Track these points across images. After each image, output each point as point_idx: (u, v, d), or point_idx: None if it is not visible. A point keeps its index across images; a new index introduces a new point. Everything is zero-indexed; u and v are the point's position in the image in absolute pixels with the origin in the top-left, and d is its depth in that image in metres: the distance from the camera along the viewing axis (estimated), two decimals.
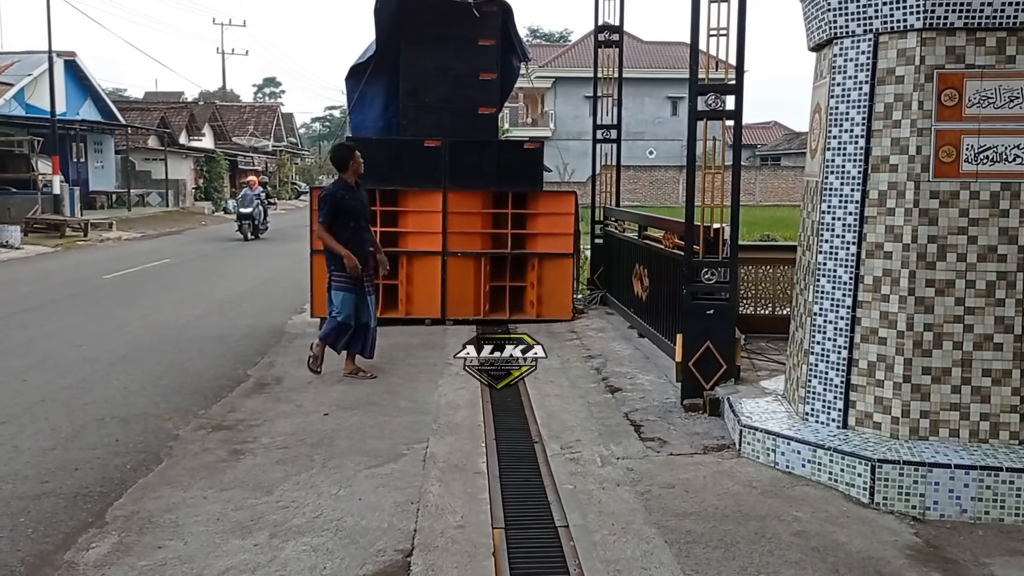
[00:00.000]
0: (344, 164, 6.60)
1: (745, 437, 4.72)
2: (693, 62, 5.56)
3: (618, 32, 10.11)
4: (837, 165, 4.56)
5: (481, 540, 3.69)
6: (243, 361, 7.42)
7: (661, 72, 43.05)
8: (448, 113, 9.16)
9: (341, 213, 6.46)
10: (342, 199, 6.49)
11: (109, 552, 3.63)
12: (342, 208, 6.47)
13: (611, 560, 3.47)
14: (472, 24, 9.03)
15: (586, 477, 4.43)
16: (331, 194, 6.52)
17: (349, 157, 6.60)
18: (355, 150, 6.69)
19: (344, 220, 6.46)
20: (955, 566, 3.49)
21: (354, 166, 6.62)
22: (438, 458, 4.74)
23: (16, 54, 30.11)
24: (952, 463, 3.98)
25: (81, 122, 28.92)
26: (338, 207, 6.45)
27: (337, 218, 6.45)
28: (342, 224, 6.45)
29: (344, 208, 6.47)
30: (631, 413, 5.58)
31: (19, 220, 20.36)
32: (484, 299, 9.00)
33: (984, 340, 4.22)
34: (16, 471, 4.66)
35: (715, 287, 5.68)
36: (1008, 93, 4.16)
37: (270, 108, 55.52)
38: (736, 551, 3.56)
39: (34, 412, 5.83)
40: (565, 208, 9.18)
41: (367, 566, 3.46)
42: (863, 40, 4.43)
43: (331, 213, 6.45)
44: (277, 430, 5.33)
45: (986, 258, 4.21)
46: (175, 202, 34.80)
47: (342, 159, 6.61)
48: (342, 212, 6.46)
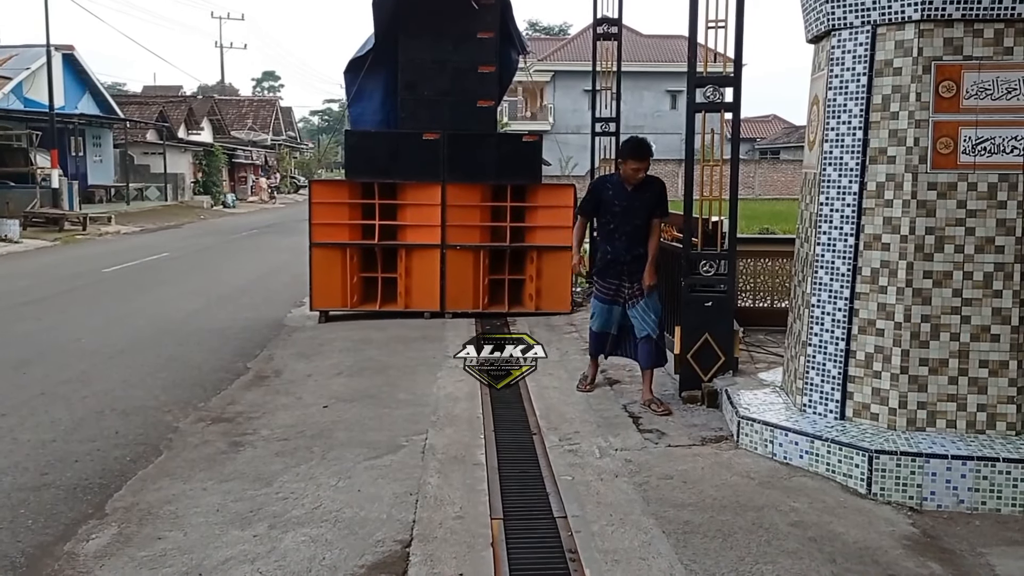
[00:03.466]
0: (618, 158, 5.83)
1: (743, 428, 4.74)
2: (691, 54, 5.56)
3: (617, 25, 10.08)
4: (835, 157, 4.56)
5: (480, 531, 3.70)
6: (242, 354, 7.43)
7: (660, 66, 42.94)
8: (447, 106, 9.16)
9: (600, 209, 5.70)
10: (602, 192, 5.67)
11: (109, 543, 3.64)
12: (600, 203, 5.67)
13: (609, 550, 3.49)
14: (470, 17, 9.02)
15: (584, 468, 4.44)
16: (591, 184, 5.95)
17: (622, 153, 5.62)
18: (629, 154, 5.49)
19: (601, 220, 5.72)
20: (952, 556, 3.51)
21: (621, 166, 5.58)
22: (437, 450, 4.76)
23: (14, 48, 30.03)
24: (949, 454, 4.00)
25: (80, 116, 28.87)
26: (597, 201, 5.70)
27: (597, 214, 5.77)
28: (600, 224, 5.79)
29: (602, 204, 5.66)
30: (629, 405, 5.59)
31: (18, 214, 20.34)
32: (483, 292, 9.01)
33: (981, 331, 4.23)
34: (16, 463, 4.68)
35: (713, 280, 5.69)
36: (1006, 85, 4.16)
37: (269, 102, 55.45)
38: (733, 541, 3.58)
39: (34, 405, 5.84)
40: (564, 201, 9.18)
41: (366, 557, 3.47)
42: (861, 32, 4.43)
43: (585, 204, 5.84)
44: (276, 422, 5.34)
45: (984, 250, 4.22)
46: (174, 196, 34.78)
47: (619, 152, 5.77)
48: (600, 208, 5.69)
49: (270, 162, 48.91)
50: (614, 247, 5.60)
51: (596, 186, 5.75)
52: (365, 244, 8.99)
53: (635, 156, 5.45)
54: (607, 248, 5.65)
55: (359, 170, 9.08)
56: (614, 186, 5.59)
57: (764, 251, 7.97)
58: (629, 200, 5.53)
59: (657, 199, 5.60)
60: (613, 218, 5.58)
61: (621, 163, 5.55)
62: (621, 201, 5.54)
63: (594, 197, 5.69)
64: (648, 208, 5.55)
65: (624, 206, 5.53)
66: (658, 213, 5.61)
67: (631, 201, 5.53)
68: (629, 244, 5.57)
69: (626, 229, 5.55)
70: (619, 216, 5.56)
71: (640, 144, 5.52)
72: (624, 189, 5.54)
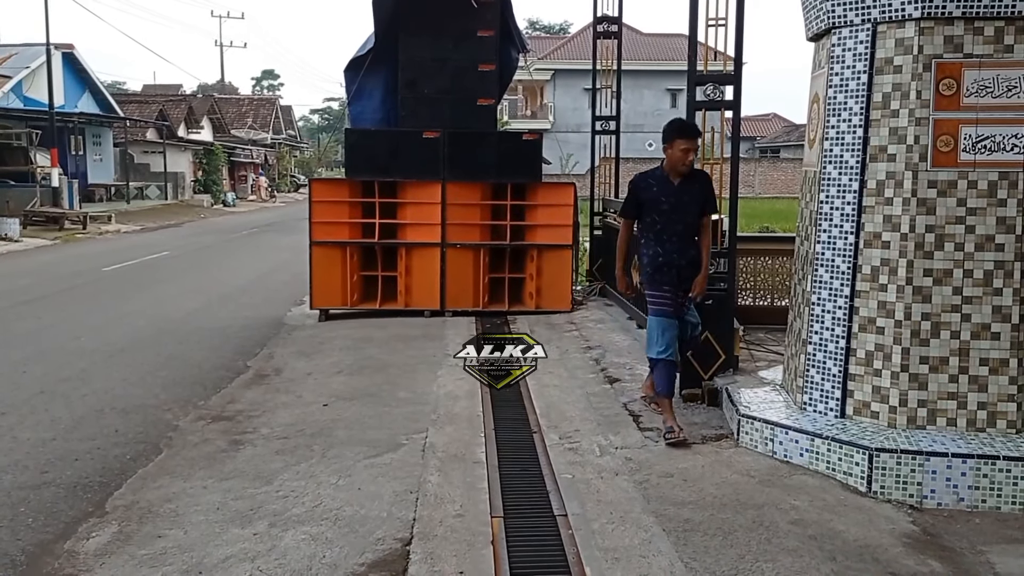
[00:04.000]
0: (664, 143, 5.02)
1: (743, 427, 4.74)
2: (691, 53, 5.56)
3: (617, 24, 10.09)
4: (835, 155, 4.56)
5: (480, 529, 3.70)
6: (242, 352, 7.43)
7: (660, 64, 42.91)
8: (447, 104, 9.16)
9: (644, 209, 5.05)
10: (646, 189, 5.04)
11: (109, 541, 3.64)
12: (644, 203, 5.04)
13: (609, 548, 3.49)
14: (471, 15, 9.01)
15: (585, 467, 4.44)
16: (632, 182, 5.17)
17: (667, 137, 4.96)
18: (676, 133, 4.91)
19: (647, 220, 5.05)
20: (952, 554, 3.51)
21: (669, 153, 4.96)
22: (437, 448, 4.76)
23: (14, 46, 30.01)
24: (949, 452, 3.99)
25: (79, 115, 28.85)
26: (640, 200, 5.05)
27: (642, 215, 5.08)
28: (646, 225, 5.07)
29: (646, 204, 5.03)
30: (630, 403, 5.59)
31: (18, 213, 20.34)
32: (483, 291, 9.01)
33: (982, 329, 4.23)
34: (16, 461, 4.68)
35: (713, 278, 5.67)
36: (1006, 82, 4.16)
37: (268, 101, 55.43)
38: (734, 539, 3.58)
39: (34, 403, 5.84)
40: (564, 199, 9.18)
41: (366, 555, 3.47)
42: (861, 30, 4.42)
43: (628, 205, 5.14)
44: (277, 420, 5.34)
45: (984, 247, 4.22)
46: (174, 195, 34.77)
47: (665, 137, 5.00)
48: (645, 208, 5.04)
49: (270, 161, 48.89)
50: (665, 249, 4.97)
51: (637, 184, 5.08)
52: (365, 242, 8.99)
53: (684, 134, 4.87)
54: (658, 250, 4.99)
55: (359, 168, 9.08)
56: (658, 181, 4.98)
57: (764, 249, 7.97)
58: (677, 195, 4.94)
59: (706, 192, 5.06)
60: (660, 217, 4.97)
61: (667, 148, 4.93)
62: (668, 197, 4.94)
63: (636, 196, 5.06)
64: (698, 202, 4.99)
65: (672, 203, 4.94)
66: (708, 208, 5.05)
67: (679, 196, 4.94)
68: (681, 245, 4.98)
69: (676, 228, 4.96)
70: (667, 215, 4.95)
71: (686, 122, 5.04)
72: (670, 183, 4.95)
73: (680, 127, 4.94)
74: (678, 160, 4.89)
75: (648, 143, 45.08)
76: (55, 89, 24.95)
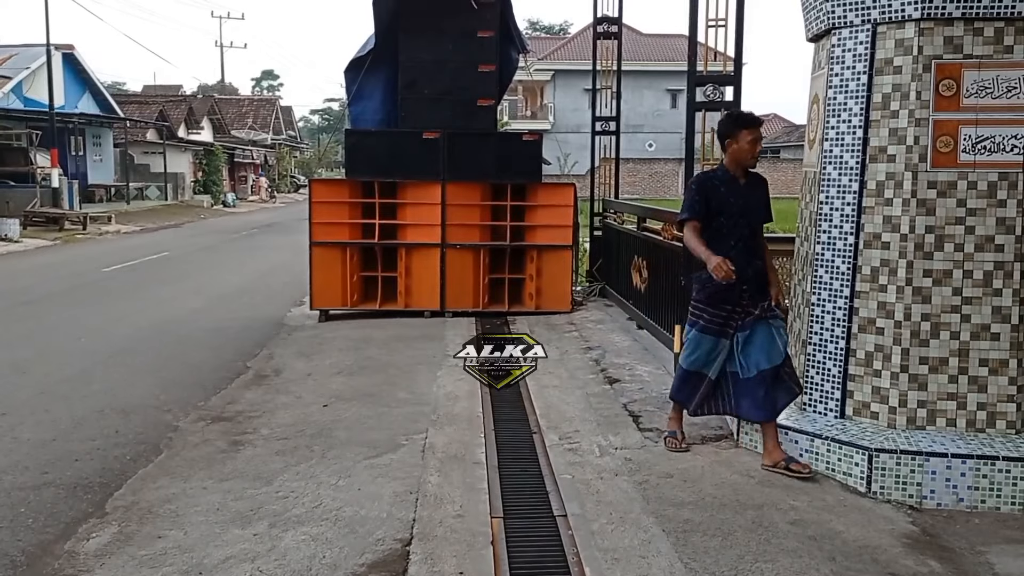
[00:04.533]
0: (722, 142, 4.59)
1: (743, 427, 4.74)
2: (691, 53, 5.57)
3: (617, 24, 10.10)
4: (835, 156, 4.56)
5: (480, 529, 3.70)
6: (242, 353, 7.43)
7: (660, 65, 42.94)
8: (447, 105, 9.15)
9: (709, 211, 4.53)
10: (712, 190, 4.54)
11: (109, 542, 3.64)
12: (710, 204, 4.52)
13: (609, 549, 3.49)
14: (470, 16, 9.01)
15: (584, 467, 4.44)
16: (696, 180, 4.70)
17: (729, 131, 4.53)
18: (741, 124, 4.52)
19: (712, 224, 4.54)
20: (951, 554, 3.51)
21: (733, 148, 4.51)
22: (437, 448, 4.76)
23: (14, 47, 30.00)
24: (949, 452, 4.00)
25: (79, 115, 28.87)
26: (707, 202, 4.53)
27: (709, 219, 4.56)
28: (711, 232, 4.54)
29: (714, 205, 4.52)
30: (629, 404, 5.60)
31: (18, 213, 20.34)
32: (483, 291, 9.01)
33: (981, 330, 4.23)
34: (16, 462, 4.68)
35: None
36: (1006, 83, 4.16)
37: (269, 101, 55.43)
38: (733, 539, 3.58)
39: (34, 404, 5.84)
40: (564, 200, 9.18)
41: (366, 555, 3.48)
42: (861, 30, 4.43)
43: (695, 204, 4.57)
44: (276, 421, 5.34)
45: (983, 248, 4.22)
46: (174, 195, 34.79)
47: (721, 135, 4.60)
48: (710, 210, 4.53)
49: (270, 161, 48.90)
50: (730, 258, 4.40)
51: (704, 183, 4.57)
52: (365, 243, 8.99)
53: (749, 124, 4.48)
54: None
55: (359, 169, 9.08)
56: (724, 182, 4.53)
57: None
58: (745, 197, 4.52)
59: (767, 196, 4.67)
60: (728, 220, 4.48)
61: (731, 142, 4.48)
62: (737, 199, 4.49)
63: (705, 196, 4.52)
64: (763, 206, 4.62)
65: (741, 204, 4.50)
66: (767, 214, 4.66)
67: (747, 198, 4.53)
68: (748, 253, 4.50)
69: (743, 233, 4.51)
70: (735, 217, 4.48)
71: (744, 112, 4.71)
72: (737, 184, 4.52)
73: (741, 117, 4.57)
74: (746, 154, 4.46)
75: (649, 144, 45.19)
76: (55, 90, 24.96)
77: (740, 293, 4.47)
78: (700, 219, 4.55)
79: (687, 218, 4.54)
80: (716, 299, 4.51)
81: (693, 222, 4.54)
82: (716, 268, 4.32)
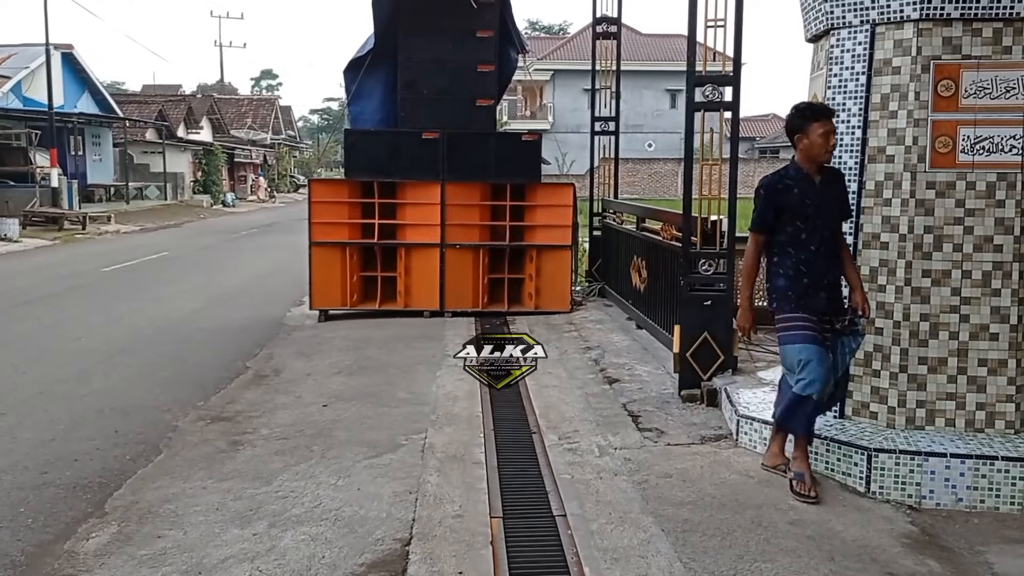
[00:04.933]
0: (791, 137, 4.14)
1: (742, 427, 4.74)
2: (691, 53, 5.56)
3: (616, 24, 10.10)
4: (834, 156, 4.56)
5: (479, 529, 3.71)
6: (242, 353, 7.43)
7: (660, 65, 42.93)
8: (446, 105, 9.16)
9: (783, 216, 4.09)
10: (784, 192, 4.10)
11: (109, 542, 3.64)
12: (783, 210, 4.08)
13: (608, 548, 3.49)
14: (470, 16, 9.02)
15: (584, 467, 4.44)
16: (764, 184, 4.16)
17: (798, 125, 4.08)
18: (810, 116, 4.05)
19: (788, 229, 4.11)
20: (950, 554, 3.52)
21: (804, 143, 4.06)
22: (436, 448, 4.76)
23: (13, 47, 29.96)
24: (948, 452, 4.00)
25: (79, 115, 28.85)
26: (777, 206, 4.09)
27: (777, 225, 4.11)
28: (787, 236, 4.11)
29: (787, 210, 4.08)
30: (629, 404, 5.60)
31: (17, 213, 20.32)
32: (482, 291, 9.01)
33: (980, 330, 4.24)
34: (16, 462, 4.68)
35: (712, 278, 5.70)
36: (1004, 84, 4.17)
37: (268, 101, 55.41)
38: (732, 539, 3.59)
39: (33, 404, 5.84)
40: (563, 200, 9.19)
41: (365, 555, 3.48)
42: (860, 31, 4.43)
43: (763, 216, 4.13)
44: (276, 421, 5.35)
45: (982, 248, 4.23)
46: (173, 195, 34.77)
47: (789, 130, 4.15)
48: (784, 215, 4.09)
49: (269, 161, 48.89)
50: (812, 264, 4.06)
51: (773, 186, 4.10)
52: (365, 243, 9.00)
53: (820, 115, 4.03)
54: (801, 268, 4.07)
55: (359, 169, 9.09)
56: (797, 182, 4.09)
57: None
58: (821, 196, 4.07)
59: (845, 192, 4.25)
60: (805, 223, 4.06)
61: (801, 137, 4.04)
62: (814, 199, 4.06)
63: (772, 201, 4.09)
64: (840, 204, 4.20)
65: (818, 205, 4.06)
66: (847, 211, 4.26)
67: (823, 197, 4.08)
68: (829, 258, 4.10)
69: (824, 235, 4.09)
70: (813, 219, 4.06)
71: (814, 103, 4.28)
72: (811, 182, 4.08)
73: (811, 108, 4.10)
74: (820, 148, 4.01)
75: (648, 143, 45.18)
76: (54, 89, 24.94)
77: (823, 301, 4.07)
78: (767, 233, 4.15)
79: (751, 229, 4.17)
80: (801, 307, 4.06)
81: (756, 235, 4.17)
82: (740, 323, 4.28)
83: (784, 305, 4.10)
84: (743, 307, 4.25)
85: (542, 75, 44.25)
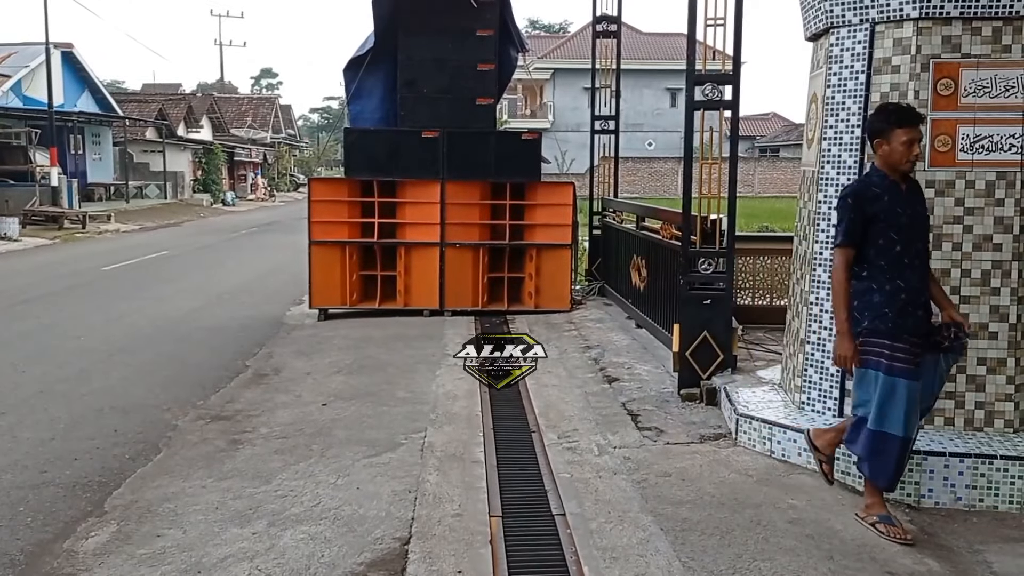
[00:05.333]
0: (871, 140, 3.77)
1: (741, 426, 4.74)
2: (690, 52, 5.56)
3: (616, 23, 10.10)
4: (833, 155, 4.56)
5: (478, 528, 3.71)
6: (242, 352, 7.43)
7: (660, 63, 42.94)
8: (446, 104, 9.16)
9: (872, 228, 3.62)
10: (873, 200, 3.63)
11: (108, 541, 3.65)
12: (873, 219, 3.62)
13: (607, 547, 3.49)
14: (470, 15, 9.02)
15: (583, 466, 4.45)
16: (851, 192, 3.72)
17: (880, 129, 3.68)
18: (894, 121, 3.63)
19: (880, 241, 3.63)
20: (949, 553, 3.52)
21: (884, 150, 3.66)
22: (436, 447, 4.76)
23: (13, 45, 29.97)
24: (947, 451, 4.00)
25: (79, 114, 28.83)
26: (867, 216, 3.62)
27: (866, 237, 3.64)
28: (878, 249, 3.63)
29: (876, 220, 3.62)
30: (628, 403, 5.60)
31: (17, 212, 20.32)
32: (482, 290, 9.01)
33: (979, 329, 4.24)
34: (15, 461, 4.68)
35: (712, 277, 5.70)
36: (1004, 82, 4.17)
37: (268, 100, 55.40)
38: (731, 538, 3.59)
39: (33, 403, 5.84)
40: (563, 199, 9.19)
41: (365, 554, 3.48)
42: (859, 29, 4.43)
43: (853, 228, 3.64)
44: (276, 420, 5.35)
45: (981, 247, 4.23)
46: (173, 194, 34.75)
47: (871, 132, 3.77)
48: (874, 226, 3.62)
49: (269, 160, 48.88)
50: (907, 282, 3.62)
51: (861, 195, 3.65)
52: (364, 242, 9.00)
53: (905, 121, 3.61)
54: (898, 283, 3.61)
55: (358, 168, 9.09)
56: (885, 189, 3.64)
57: (763, 249, 7.97)
58: (912, 206, 3.67)
59: (926, 206, 3.86)
60: (899, 235, 3.61)
61: (882, 143, 3.65)
62: (905, 208, 3.63)
63: (862, 211, 3.61)
64: (926, 218, 3.81)
65: (910, 214, 3.65)
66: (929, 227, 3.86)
67: (914, 207, 3.69)
68: (923, 274, 3.70)
69: (918, 248, 3.68)
70: (906, 231, 3.62)
71: (902, 106, 3.81)
72: (899, 190, 3.66)
73: (898, 112, 3.67)
74: (900, 157, 3.61)
75: (648, 142, 45.20)
76: (54, 88, 24.94)
77: (920, 321, 3.64)
78: (856, 247, 3.65)
79: (839, 244, 3.66)
80: (898, 327, 3.58)
81: (845, 250, 3.65)
82: (840, 352, 3.65)
83: (880, 325, 3.60)
84: (843, 333, 3.64)
85: (542, 74, 44.27)
